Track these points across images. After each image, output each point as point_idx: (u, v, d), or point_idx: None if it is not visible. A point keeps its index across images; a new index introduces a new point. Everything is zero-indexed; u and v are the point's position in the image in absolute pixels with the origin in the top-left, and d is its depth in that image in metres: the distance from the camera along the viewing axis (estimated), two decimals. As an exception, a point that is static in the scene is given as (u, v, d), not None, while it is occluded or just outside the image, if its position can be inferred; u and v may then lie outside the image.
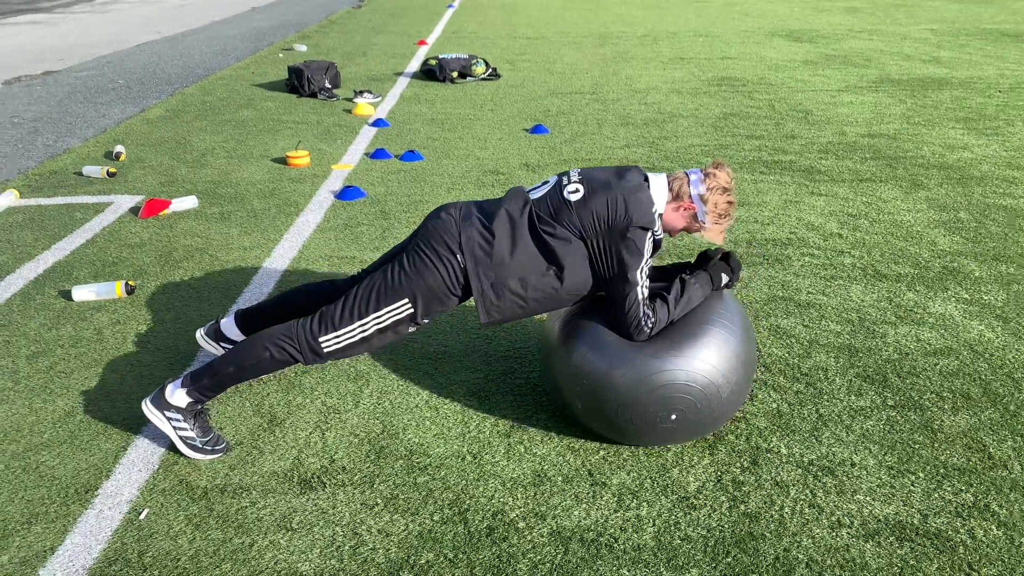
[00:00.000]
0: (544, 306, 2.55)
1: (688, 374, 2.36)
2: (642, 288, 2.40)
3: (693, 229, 2.59)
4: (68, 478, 2.43)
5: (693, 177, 2.54)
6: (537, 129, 6.51)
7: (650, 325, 2.40)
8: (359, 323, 2.48)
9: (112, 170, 5.29)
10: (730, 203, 2.55)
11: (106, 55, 10.55)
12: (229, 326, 2.89)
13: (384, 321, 2.49)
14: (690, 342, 2.40)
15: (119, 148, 5.76)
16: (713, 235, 2.57)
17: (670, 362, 2.37)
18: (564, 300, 2.55)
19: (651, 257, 2.45)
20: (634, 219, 2.39)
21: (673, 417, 2.40)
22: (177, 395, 2.49)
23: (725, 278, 2.58)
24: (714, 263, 2.60)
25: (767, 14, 14.62)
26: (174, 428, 2.47)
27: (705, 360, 2.38)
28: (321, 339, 2.48)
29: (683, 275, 2.52)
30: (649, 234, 2.42)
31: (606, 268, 2.43)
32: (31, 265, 3.94)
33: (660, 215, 2.51)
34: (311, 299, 2.82)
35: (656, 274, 2.64)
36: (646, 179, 2.53)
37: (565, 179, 2.55)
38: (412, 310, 2.49)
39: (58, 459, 2.52)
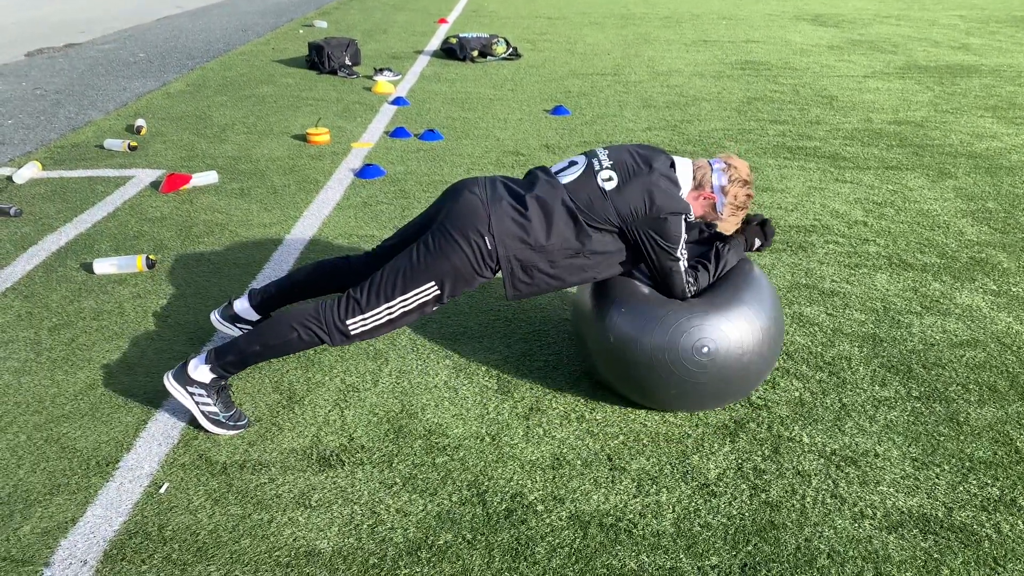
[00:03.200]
0: (572, 283, 2.59)
1: (719, 321, 2.44)
2: (682, 262, 2.50)
3: (709, 218, 2.64)
4: (89, 450, 2.44)
5: (716, 167, 2.56)
6: (558, 110, 6.45)
7: (692, 291, 2.55)
8: (386, 306, 2.47)
9: (133, 144, 5.30)
10: (748, 196, 2.59)
11: (127, 28, 10.54)
12: (243, 307, 2.88)
13: (410, 304, 2.48)
14: (725, 303, 2.51)
15: (140, 122, 5.76)
16: (728, 226, 2.65)
17: (702, 312, 2.47)
18: (591, 279, 2.59)
19: (687, 234, 2.53)
20: (668, 208, 2.44)
21: (705, 349, 2.40)
22: (200, 370, 2.49)
23: (758, 242, 2.76)
24: (749, 228, 2.75)
25: (792, -3, 14.39)
26: (197, 403, 2.48)
27: (737, 316, 2.47)
28: (348, 321, 2.47)
29: (718, 243, 2.67)
30: (683, 218, 2.48)
31: (648, 252, 2.49)
32: (53, 237, 3.95)
33: None
34: (327, 277, 2.81)
35: (695, 237, 2.77)
36: (672, 164, 2.55)
37: (596, 163, 2.53)
38: (439, 292, 2.48)
39: (80, 431, 2.53)
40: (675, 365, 2.42)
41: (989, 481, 2.36)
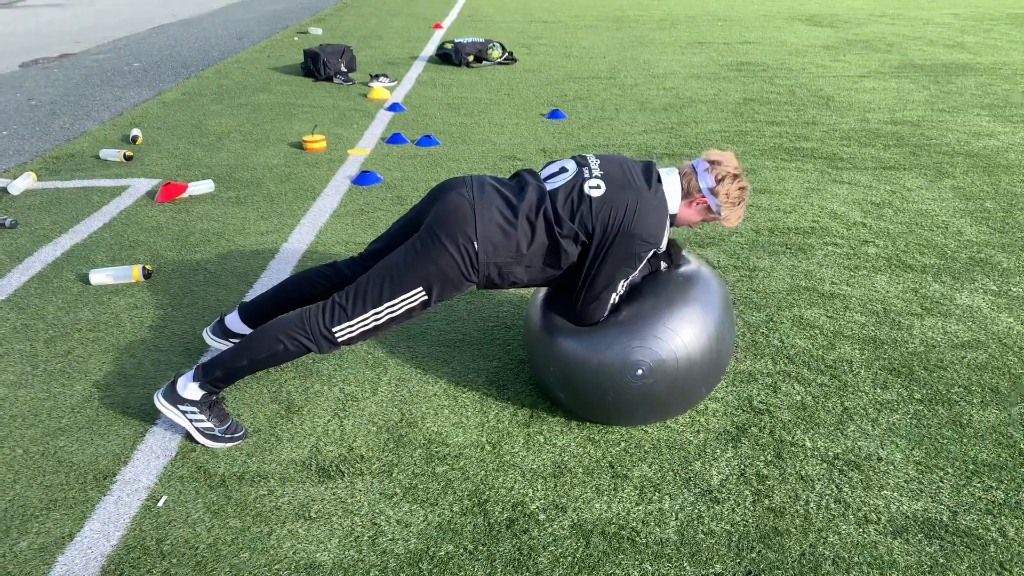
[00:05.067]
0: (534, 286, 2.63)
1: (647, 339, 2.38)
2: (616, 295, 2.45)
3: (710, 219, 2.59)
4: (86, 464, 2.42)
5: (700, 169, 2.50)
6: (554, 114, 6.44)
7: (600, 320, 2.48)
8: (372, 312, 2.44)
9: (129, 153, 5.28)
10: (742, 188, 2.51)
11: (122, 38, 10.53)
12: (235, 321, 2.85)
13: (397, 310, 2.45)
14: (653, 314, 2.43)
15: (136, 131, 5.75)
16: (730, 222, 2.58)
17: (630, 329, 2.41)
18: (557, 284, 2.61)
19: (648, 265, 2.53)
20: (643, 234, 2.39)
21: (639, 372, 2.36)
22: (190, 389, 2.46)
23: (664, 264, 2.62)
24: None
25: (787, -2, 14.41)
26: (190, 420, 2.45)
27: (665, 328, 2.39)
28: (335, 329, 2.44)
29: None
30: (652, 250, 2.43)
31: (597, 264, 2.42)
32: (49, 248, 3.93)
33: (674, 216, 2.52)
34: (316, 285, 2.78)
35: None
36: (659, 179, 2.49)
37: (586, 171, 2.49)
38: (426, 297, 2.45)
39: (76, 444, 2.51)
40: (618, 391, 2.41)
41: (993, 484, 2.34)
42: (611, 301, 2.45)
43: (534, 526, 2.19)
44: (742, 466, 2.42)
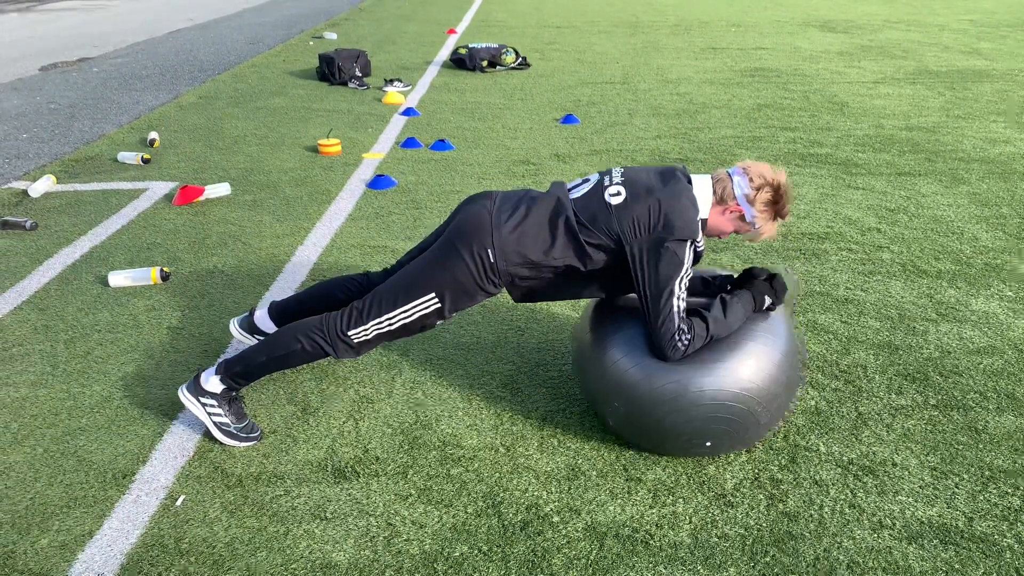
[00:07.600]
0: (572, 296, 2.58)
1: (726, 406, 2.25)
2: (679, 300, 2.26)
3: (743, 231, 2.46)
4: (106, 463, 2.45)
5: (736, 178, 2.40)
6: (568, 119, 6.46)
7: (685, 342, 2.24)
8: (386, 316, 2.47)
9: (146, 156, 5.33)
10: (782, 199, 2.42)
11: (140, 42, 10.64)
12: (263, 318, 2.89)
13: (410, 316, 2.47)
14: (730, 367, 2.26)
15: (153, 135, 5.81)
16: (767, 235, 2.46)
17: (709, 394, 2.24)
18: (594, 294, 2.57)
19: (691, 268, 2.32)
20: (676, 228, 2.28)
21: (708, 444, 2.34)
22: (211, 381, 2.51)
23: (768, 300, 2.42)
24: (757, 283, 2.44)
25: (800, 4, 14.38)
26: (209, 414, 2.49)
27: (745, 387, 2.25)
28: (350, 332, 2.48)
29: (723, 295, 2.37)
30: (689, 244, 2.30)
31: (643, 276, 2.29)
32: (68, 250, 3.98)
33: (704, 221, 2.40)
34: (346, 292, 2.81)
35: (699, 287, 2.54)
36: (689, 182, 2.41)
37: (607, 179, 2.46)
38: (439, 305, 2.46)
39: (96, 444, 2.54)
40: (679, 449, 2.40)
41: (1009, 490, 2.33)
42: (678, 309, 2.25)
43: (548, 528, 2.20)
44: (756, 470, 2.42)
